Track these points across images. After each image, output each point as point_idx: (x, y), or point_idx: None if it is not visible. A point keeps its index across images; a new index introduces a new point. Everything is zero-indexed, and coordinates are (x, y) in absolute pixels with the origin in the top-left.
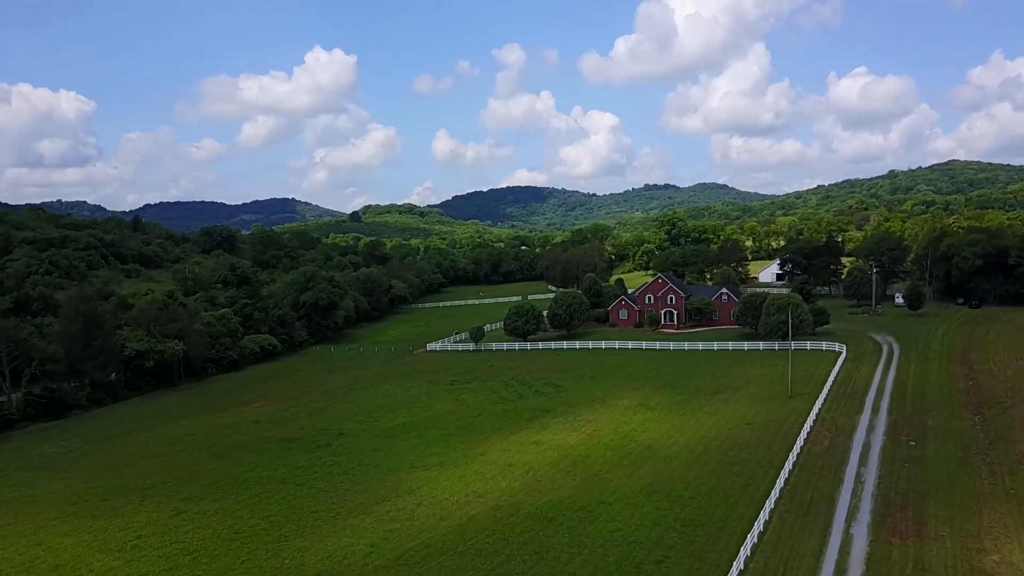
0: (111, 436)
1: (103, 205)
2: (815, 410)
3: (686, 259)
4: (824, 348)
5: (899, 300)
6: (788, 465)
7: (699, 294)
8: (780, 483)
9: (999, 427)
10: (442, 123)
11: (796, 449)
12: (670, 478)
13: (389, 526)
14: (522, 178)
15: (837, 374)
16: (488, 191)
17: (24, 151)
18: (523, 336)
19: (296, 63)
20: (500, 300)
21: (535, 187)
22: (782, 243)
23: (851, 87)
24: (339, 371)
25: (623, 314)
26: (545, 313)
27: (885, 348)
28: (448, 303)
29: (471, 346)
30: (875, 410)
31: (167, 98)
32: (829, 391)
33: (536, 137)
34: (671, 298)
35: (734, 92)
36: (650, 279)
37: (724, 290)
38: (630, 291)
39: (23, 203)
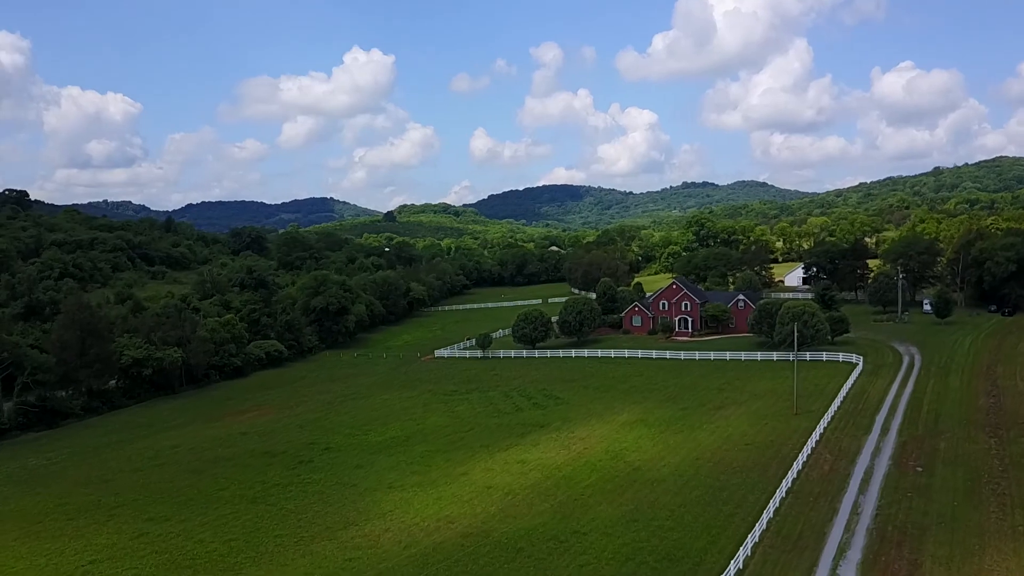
0: (98, 447)
1: (147, 205)
2: (819, 429)
3: (708, 262)
4: (841, 359)
5: (927, 307)
6: (781, 492)
7: (716, 300)
8: (769, 513)
9: (1016, 452)
10: (479, 122)
11: (792, 474)
12: (653, 505)
13: (350, 554)
14: (560, 176)
15: (850, 389)
16: (524, 190)
17: (74, 152)
18: (532, 343)
19: (335, 63)
20: (520, 303)
21: (571, 185)
22: (812, 244)
23: (896, 82)
24: (342, 379)
25: (636, 321)
26: (555, 319)
27: (906, 360)
28: (469, 306)
29: (479, 353)
30: (884, 430)
31: (210, 99)
32: (838, 408)
33: (574, 135)
34: (686, 304)
35: (775, 88)
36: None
37: (741, 296)
38: (648, 295)
39: (71, 203)
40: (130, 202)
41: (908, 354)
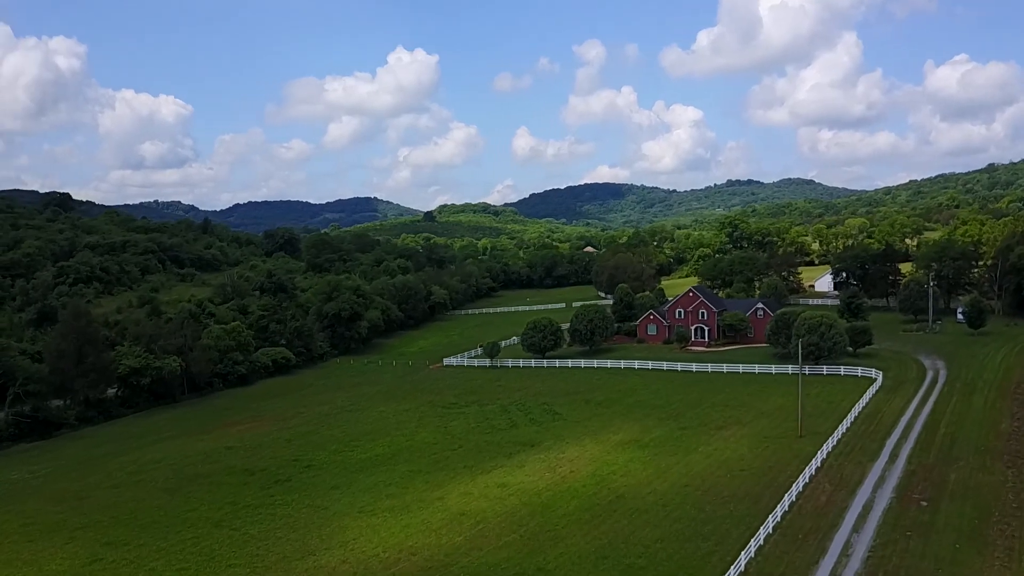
0: (83, 461)
1: (197, 205)
2: (822, 455)
3: (734, 267)
4: (859, 374)
5: (961, 316)
6: (767, 528)
7: (734, 308)
8: (750, 553)
9: None
10: (522, 120)
11: (783, 506)
12: (629, 539)
13: None
14: (603, 174)
15: (863, 408)
16: (565, 188)
17: (127, 154)
18: (541, 352)
19: (379, 64)
20: (543, 307)
21: (613, 184)
22: (842, 248)
23: (950, 76)
24: (347, 388)
25: (651, 329)
26: (565, 327)
27: (929, 375)
28: (493, 309)
29: (487, 362)
30: (893, 457)
31: (258, 100)
32: (847, 430)
33: (618, 132)
34: (703, 313)
35: (823, 83)
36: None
37: (760, 305)
38: (670, 299)
39: (124, 203)
40: (180, 202)
41: (933, 368)
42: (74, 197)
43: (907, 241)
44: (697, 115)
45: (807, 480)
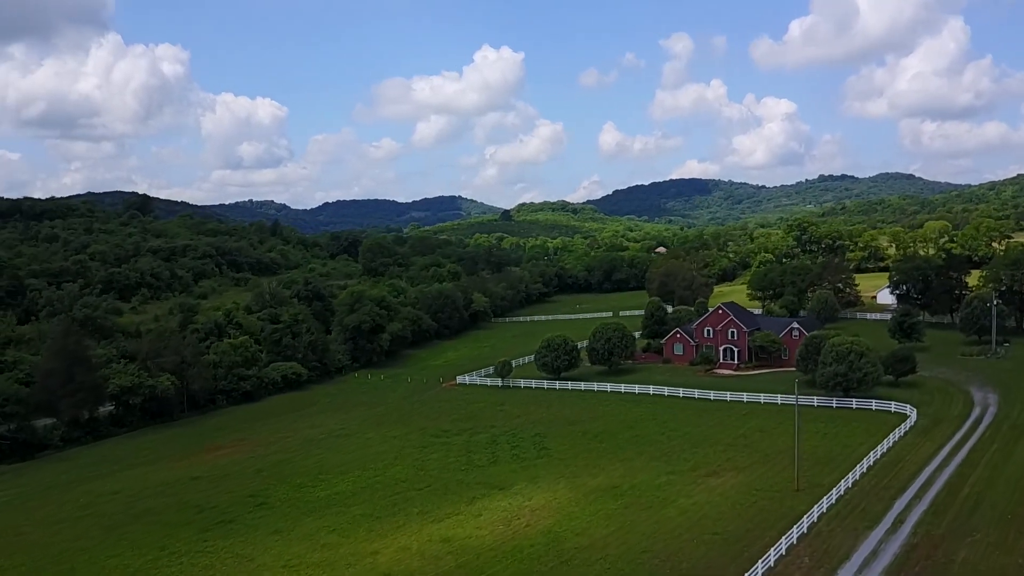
0: (47, 488)
1: (289, 204)
2: (812, 517)
3: (785, 277)
4: (893, 409)
5: None
6: None
7: (769, 327)
8: None
9: None
10: (608, 116)
11: None
12: None
13: None
14: (692, 169)
15: (882, 454)
16: (649, 184)
17: (227, 154)
18: (556, 373)
19: (465, 62)
20: (591, 316)
21: (699, 179)
22: (931, 252)
23: None
24: (348, 408)
25: (678, 349)
26: (581, 345)
27: (975, 412)
28: (538, 317)
29: (499, 382)
30: (897, 523)
31: (348, 101)
32: (854, 483)
33: (707, 127)
34: (732, 332)
35: (926, 72)
36: (745, 299)
37: (795, 324)
38: (709, 310)
39: (222, 203)
40: (272, 201)
41: (982, 404)
42: (176, 199)
43: (994, 246)
44: (790, 108)
45: (783, 552)
